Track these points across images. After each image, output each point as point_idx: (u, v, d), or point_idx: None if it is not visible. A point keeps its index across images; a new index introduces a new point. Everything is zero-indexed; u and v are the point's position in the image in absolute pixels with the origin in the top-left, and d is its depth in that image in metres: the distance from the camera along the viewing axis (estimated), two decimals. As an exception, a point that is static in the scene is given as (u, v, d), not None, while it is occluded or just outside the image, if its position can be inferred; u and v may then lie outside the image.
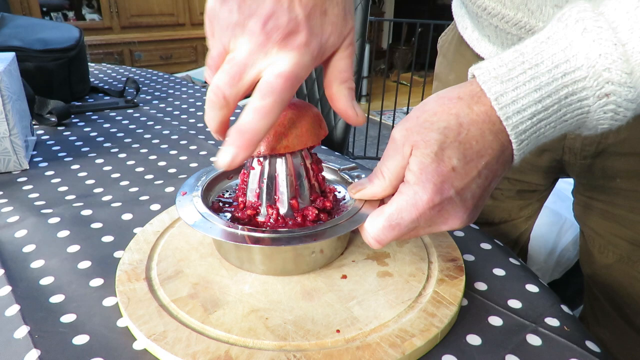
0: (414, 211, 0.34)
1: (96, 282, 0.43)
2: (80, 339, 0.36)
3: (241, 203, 0.43)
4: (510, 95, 0.32)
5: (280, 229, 0.40)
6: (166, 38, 3.37)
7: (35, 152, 0.74)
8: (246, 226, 0.39)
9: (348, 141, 1.42)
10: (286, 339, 0.35)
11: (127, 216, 0.54)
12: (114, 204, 0.57)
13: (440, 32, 0.74)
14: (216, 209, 0.45)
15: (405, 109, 3.36)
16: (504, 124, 0.33)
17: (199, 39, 3.45)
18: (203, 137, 0.82)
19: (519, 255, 0.69)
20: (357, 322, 0.36)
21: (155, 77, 1.25)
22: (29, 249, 0.48)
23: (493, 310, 0.40)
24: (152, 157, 0.73)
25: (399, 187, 0.35)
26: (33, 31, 0.98)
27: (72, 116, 0.91)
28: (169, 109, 0.98)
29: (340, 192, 0.47)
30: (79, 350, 0.35)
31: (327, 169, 0.50)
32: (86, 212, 0.55)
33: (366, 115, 3.28)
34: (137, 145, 0.77)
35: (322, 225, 0.39)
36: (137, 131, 0.84)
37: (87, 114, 0.93)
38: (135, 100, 1.00)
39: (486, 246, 0.50)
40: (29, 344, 0.35)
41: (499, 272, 0.45)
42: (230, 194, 0.48)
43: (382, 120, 3.21)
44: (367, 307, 0.38)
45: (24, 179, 0.64)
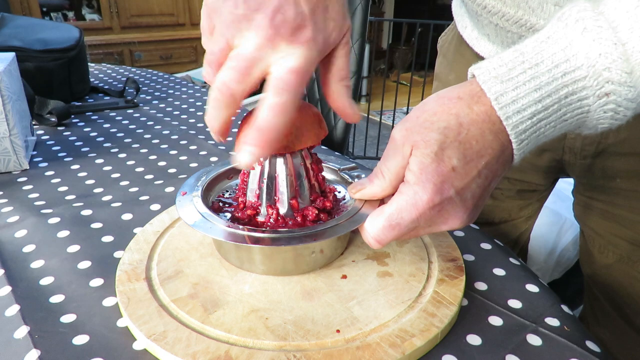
0: (414, 211, 0.34)
1: (96, 282, 0.43)
2: (80, 339, 0.36)
3: (241, 203, 0.43)
4: (510, 95, 0.32)
5: (280, 229, 0.40)
6: (166, 38, 3.37)
7: (35, 152, 0.74)
8: (246, 226, 0.39)
9: (348, 141, 1.42)
10: (286, 339, 0.35)
11: (127, 216, 0.54)
12: (114, 204, 0.57)
13: (440, 32, 0.74)
14: (216, 209, 0.45)
15: (405, 109, 3.36)
16: (504, 123, 0.33)
17: (199, 39, 3.41)
18: (203, 137, 0.82)
19: (519, 255, 0.69)
20: (357, 322, 0.36)
21: (155, 77, 1.25)
22: (29, 249, 0.48)
23: (493, 310, 0.40)
24: (152, 157, 0.73)
25: (399, 187, 0.35)
26: (33, 31, 0.98)
27: (72, 116, 0.91)
28: (169, 109, 0.98)
29: (340, 192, 0.47)
30: (79, 350, 0.35)
31: (327, 169, 0.50)
32: (86, 212, 0.55)
33: (366, 115, 3.28)
34: (137, 145, 0.77)
35: (322, 225, 0.39)
36: (137, 131, 0.84)
37: (87, 114, 0.93)
38: (135, 100, 1.00)
39: (486, 246, 0.50)
40: (29, 344, 0.35)
41: (499, 272, 0.45)
42: (230, 194, 0.48)
43: (382, 120, 3.21)
44: (367, 307, 0.38)
45: (24, 179, 0.64)
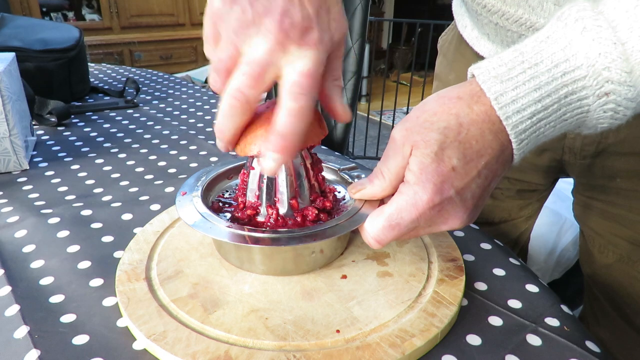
0: (414, 211, 0.34)
1: (96, 282, 0.43)
2: (80, 339, 0.36)
3: (241, 203, 0.43)
4: (510, 94, 0.32)
5: (280, 229, 0.40)
6: (166, 38, 3.37)
7: (35, 152, 0.74)
8: (246, 226, 0.39)
9: (348, 141, 1.42)
10: (286, 339, 0.35)
11: (127, 216, 0.54)
12: (114, 204, 0.57)
13: (440, 32, 0.74)
14: (216, 209, 0.45)
15: (405, 109, 3.36)
16: (504, 123, 0.33)
17: (199, 39, 3.41)
18: (203, 137, 0.82)
19: (519, 255, 0.69)
20: (357, 322, 0.36)
21: (155, 77, 1.25)
22: (29, 249, 0.48)
23: (493, 310, 0.40)
24: (152, 157, 0.73)
25: (398, 187, 0.35)
26: (33, 31, 0.98)
27: (72, 116, 0.91)
28: (169, 109, 0.98)
29: (340, 192, 0.47)
30: (78, 350, 0.35)
31: (327, 169, 0.50)
32: (86, 212, 0.55)
33: (366, 115, 3.28)
34: (137, 145, 0.77)
35: (322, 225, 0.39)
36: (137, 131, 0.84)
37: (87, 114, 0.93)
38: (135, 101, 1.00)
39: (486, 246, 0.50)
40: (28, 344, 0.35)
41: (499, 272, 0.45)
42: (230, 194, 0.48)
43: (382, 120, 3.21)
44: (367, 307, 0.38)
45: (24, 179, 0.64)
